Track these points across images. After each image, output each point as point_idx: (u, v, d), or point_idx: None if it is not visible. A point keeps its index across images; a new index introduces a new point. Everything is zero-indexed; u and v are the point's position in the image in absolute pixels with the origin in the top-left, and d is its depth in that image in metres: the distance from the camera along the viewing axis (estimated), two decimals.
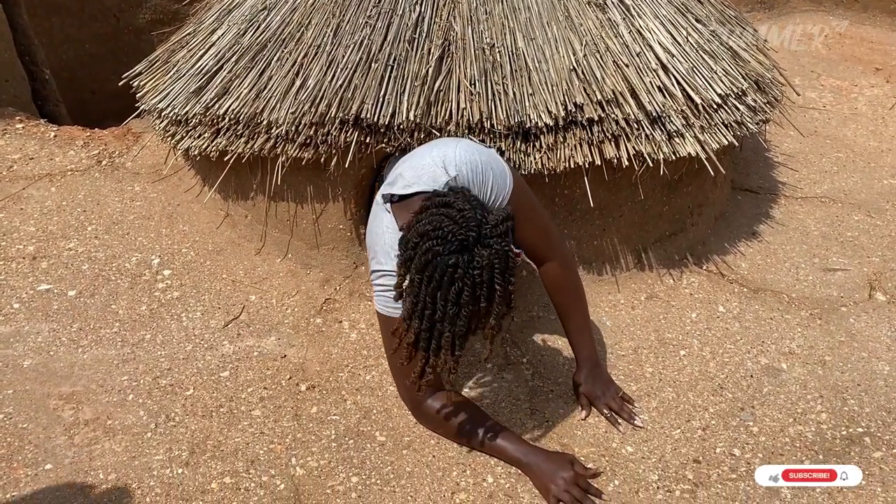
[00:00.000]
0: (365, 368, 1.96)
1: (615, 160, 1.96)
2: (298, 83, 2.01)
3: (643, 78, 2.01)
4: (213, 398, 1.86)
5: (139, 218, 2.55)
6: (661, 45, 2.09)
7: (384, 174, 1.94)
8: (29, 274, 2.27)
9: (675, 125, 2.00)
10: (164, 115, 2.29)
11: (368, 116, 1.92)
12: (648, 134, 1.98)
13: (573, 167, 1.96)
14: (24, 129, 3.03)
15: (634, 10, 2.13)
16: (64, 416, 1.80)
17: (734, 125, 2.11)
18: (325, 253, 2.29)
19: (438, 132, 1.93)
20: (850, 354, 2.00)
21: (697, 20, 2.24)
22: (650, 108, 1.97)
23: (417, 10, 2.04)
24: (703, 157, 2.01)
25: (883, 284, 2.28)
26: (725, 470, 1.67)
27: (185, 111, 2.18)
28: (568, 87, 1.96)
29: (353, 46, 2.01)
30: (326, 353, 2.01)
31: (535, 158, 1.96)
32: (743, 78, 2.19)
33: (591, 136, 1.95)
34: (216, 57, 2.21)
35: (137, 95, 2.48)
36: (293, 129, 1.98)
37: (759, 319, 2.13)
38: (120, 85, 2.55)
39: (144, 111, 2.45)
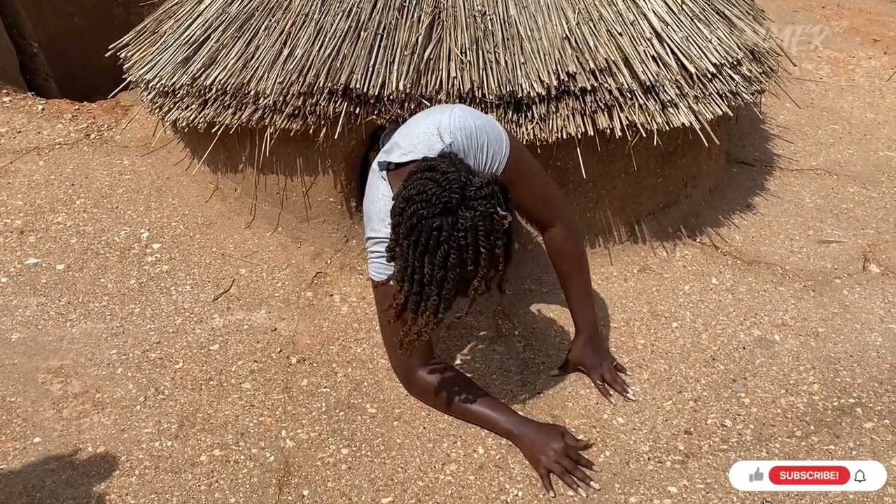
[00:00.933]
0: (356, 341, 1.94)
1: (608, 131, 1.94)
2: (286, 53, 1.98)
3: (637, 47, 1.98)
4: (202, 371, 1.84)
5: (128, 191, 2.52)
6: (655, 13, 2.05)
7: (380, 144, 1.92)
8: (17, 248, 2.25)
9: (668, 95, 1.97)
10: (151, 86, 2.25)
11: (357, 86, 1.89)
12: (642, 104, 1.95)
13: (566, 138, 1.93)
14: (11, 102, 2.99)
15: None
16: (52, 389, 1.79)
17: (729, 95, 2.08)
18: (315, 226, 2.26)
19: (429, 102, 1.90)
20: (843, 326, 2.00)
21: None
22: (644, 77, 1.94)
23: None
24: (696, 127, 1.99)
25: (877, 256, 2.27)
26: (717, 441, 1.67)
27: (172, 82, 2.15)
28: (560, 55, 1.93)
29: (341, 15, 1.98)
30: (317, 326, 2.00)
31: (527, 129, 1.93)
32: (738, 47, 2.16)
33: (583, 105, 1.93)
34: (203, 26, 2.17)
35: (124, 67, 2.44)
36: (281, 99, 1.95)
37: (752, 291, 2.12)
38: (107, 56, 2.51)
39: (133, 83, 2.42)
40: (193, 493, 1.54)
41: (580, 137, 1.95)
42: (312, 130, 2.00)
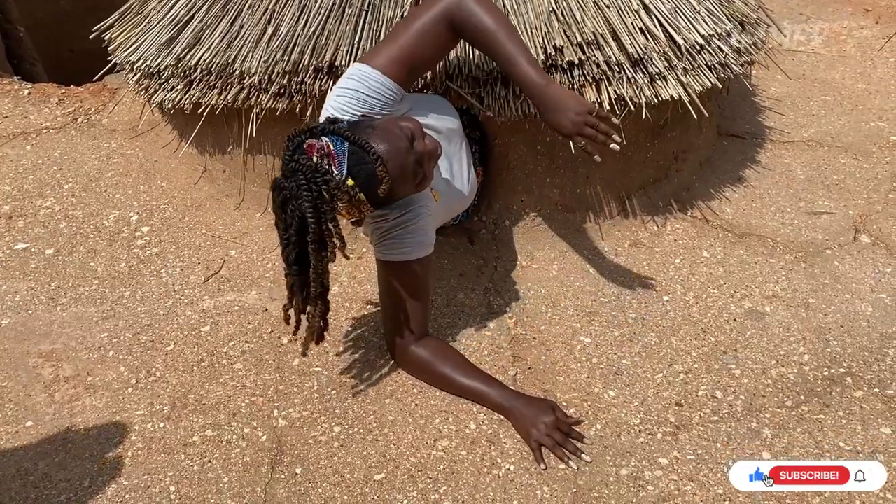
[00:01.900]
0: (347, 320, 1.94)
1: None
2: (270, 31, 1.96)
3: (624, 19, 1.96)
4: (193, 353, 1.84)
5: (116, 175, 2.51)
6: None
7: None
8: (5, 233, 2.24)
9: (657, 68, 1.95)
10: (136, 68, 2.23)
11: (343, 64, 1.87)
12: (630, 77, 1.94)
13: None
14: None
15: None
16: (44, 373, 1.79)
17: (718, 67, 2.07)
18: None
19: None
20: (833, 296, 2.00)
21: None
22: (632, 50, 1.92)
23: None
24: (686, 100, 1.98)
25: (868, 227, 2.27)
26: (707, 412, 1.67)
27: (156, 63, 2.13)
28: (547, 29, 1.91)
29: None
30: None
31: (514, 105, 1.92)
32: (727, 18, 2.14)
33: (571, 79, 1.91)
34: (187, 6, 2.14)
35: (109, 49, 2.41)
36: (266, 78, 1.93)
37: (743, 264, 2.12)
38: (91, 38, 2.48)
39: (118, 66, 2.39)
40: (186, 473, 1.55)
41: None
42: (299, 109, 1.99)
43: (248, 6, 2.03)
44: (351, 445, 1.61)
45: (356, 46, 1.89)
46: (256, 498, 1.50)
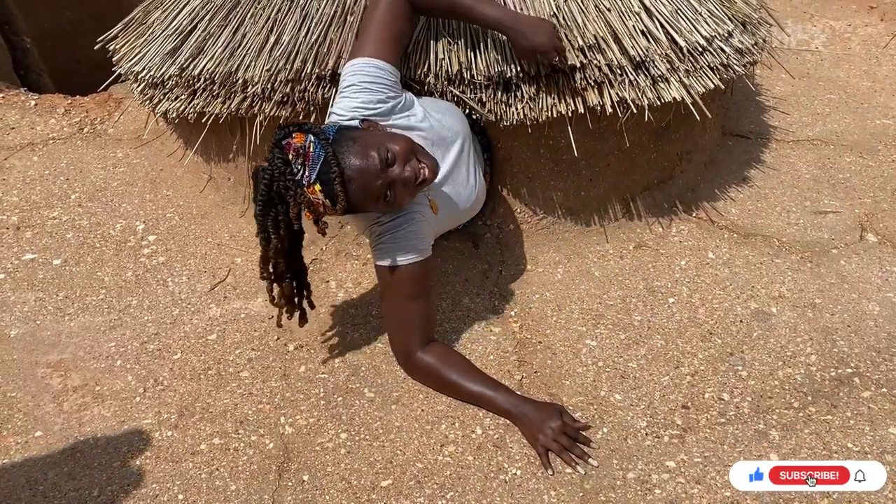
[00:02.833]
0: (353, 327, 1.95)
1: (599, 108, 1.93)
2: (273, 39, 1.96)
3: (626, 22, 1.96)
4: (200, 361, 1.85)
5: (122, 184, 2.52)
6: None
7: None
8: (13, 244, 2.26)
9: (659, 70, 1.95)
10: (140, 78, 2.25)
11: None
12: (632, 79, 1.93)
13: (556, 116, 1.92)
14: (3, 98, 2.99)
15: None
16: (52, 383, 1.80)
17: (720, 68, 2.06)
18: None
19: (417, 85, 1.89)
20: (840, 296, 1.99)
21: None
22: (633, 52, 1.92)
23: None
24: (688, 101, 1.97)
25: (874, 225, 2.26)
26: (714, 414, 1.67)
27: (160, 73, 2.14)
28: None
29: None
30: (314, 312, 1.99)
31: (517, 109, 1.92)
32: (729, 19, 2.14)
33: (573, 83, 1.91)
34: (190, 16, 2.15)
35: (114, 59, 2.43)
36: (269, 86, 1.94)
37: (749, 265, 2.11)
38: (96, 49, 2.50)
39: (122, 76, 2.41)
40: (194, 481, 1.56)
41: (571, 116, 1.93)
42: (302, 117, 1.99)
43: (250, 15, 2.04)
44: (357, 452, 1.61)
45: None
46: None
